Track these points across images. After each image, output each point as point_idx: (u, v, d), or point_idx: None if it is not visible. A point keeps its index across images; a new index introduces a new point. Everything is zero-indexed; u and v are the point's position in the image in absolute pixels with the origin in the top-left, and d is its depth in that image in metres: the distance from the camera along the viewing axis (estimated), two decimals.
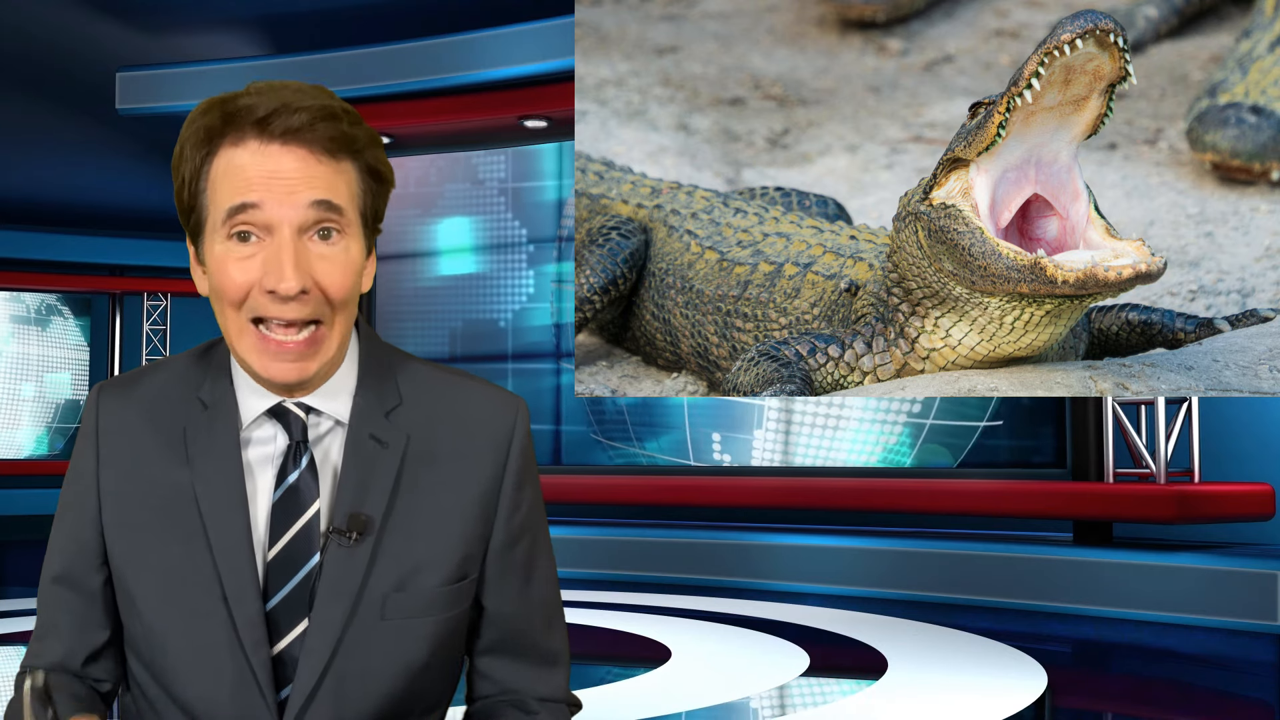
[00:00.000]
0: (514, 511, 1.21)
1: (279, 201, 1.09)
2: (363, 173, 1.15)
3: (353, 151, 1.13)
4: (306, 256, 1.10)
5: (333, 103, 1.12)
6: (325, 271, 1.11)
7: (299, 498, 1.15)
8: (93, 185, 12.32)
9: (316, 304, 1.11)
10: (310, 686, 1.13)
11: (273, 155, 1.09)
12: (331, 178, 1.11)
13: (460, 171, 9.03)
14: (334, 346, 1.14)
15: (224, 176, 1.10)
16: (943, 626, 5.96)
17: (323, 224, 1.11)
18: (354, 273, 1.13)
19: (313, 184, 1.10)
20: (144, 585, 1.16)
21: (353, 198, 1.14)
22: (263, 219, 1.09)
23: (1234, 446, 6.86)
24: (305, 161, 1.10)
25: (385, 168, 1.17)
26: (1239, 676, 5.32)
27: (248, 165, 1.09)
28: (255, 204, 1.09)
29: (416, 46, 8.49)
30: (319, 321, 1.12)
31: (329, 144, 1.11)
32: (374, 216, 1.17)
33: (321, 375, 1.17)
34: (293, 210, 1.09)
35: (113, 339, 13.86)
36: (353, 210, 1.14)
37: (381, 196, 1.18)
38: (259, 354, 1.12)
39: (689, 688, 4.64)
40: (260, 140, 1.10)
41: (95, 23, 8.84)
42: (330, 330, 1.13)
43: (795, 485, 7.51)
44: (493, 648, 1.24)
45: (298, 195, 1.09)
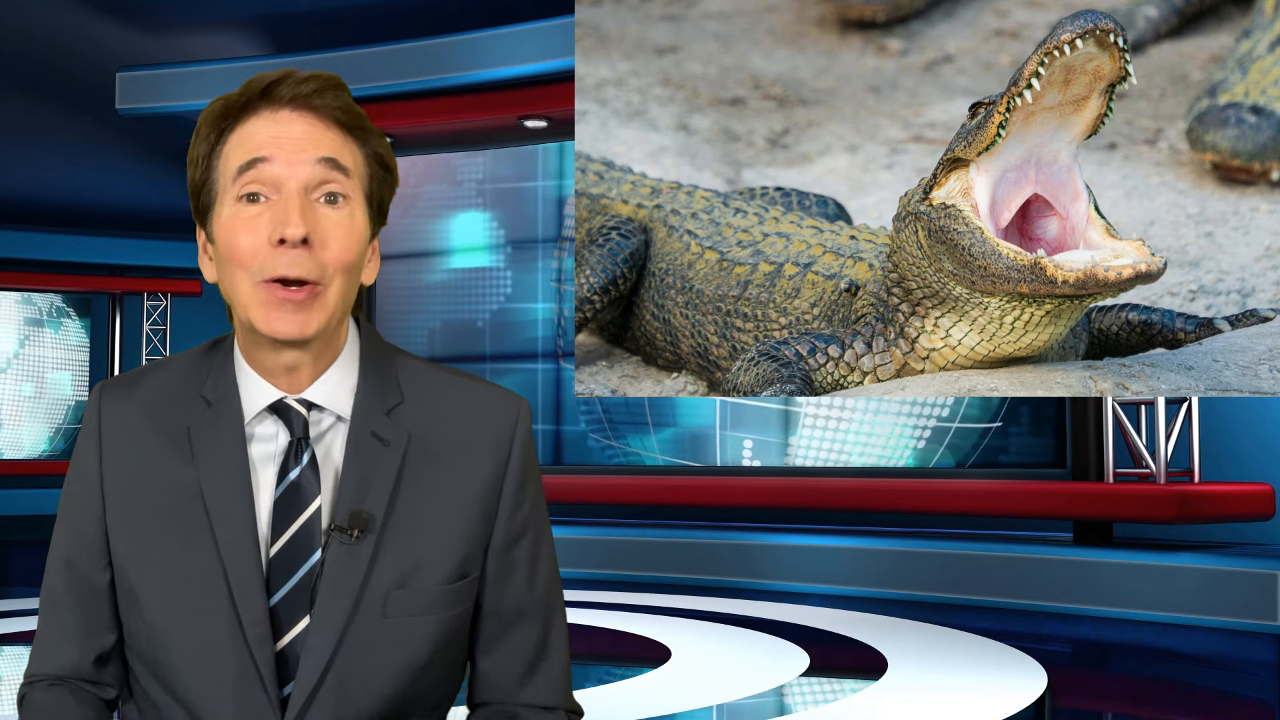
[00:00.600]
0: (515, 511, 1.21)
1: (287, 159, 1.12)
2: (369, 158, 1.18)
3: (360, 132, 1.17)
4: (313, 212, 1.13)
5: (342, 84, 1.16)
6: (328, 230, 1.13)
7: (300, 494, 1.15)
8: (93, 185, 12.31)
9: (317, 263, 1.12)
10: (312, 684, 1.13)
11: (282, 120, 1.14)
12: (339, 144, 1.15)
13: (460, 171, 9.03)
14: (332, 308, 1.14)
15: (235, 147, 1.14)
16: (943, 626, 5.96)
17: (329, 185, 1.13)
18: (357, 240, 1.15)
19: (320, 145, 1.13)
20: (147, 583, 1.15)
21: (360, 174, 1.17)
22: (271, 174, 1.12)
23: (1234, 446, 6.86)
24: (314, 125, 1.14)
25: (391, 160, 1.20)
26: (1239, 676, 5.32)
27: (258, 131, 1.14)
28: (265, 158, 1.12)
29: (416, 46, 8.49)
30: (319, 280, 1.13)
31: (337, 113, 1.15)
32: (379, 205, 1.19)
33: (321, 361, 1.18)
34: (301, 166, 1.12)
35: (113, 339, 13.85)
36: (359, 183, 1.16)
37: (387, 186, 1.20)
38: (263, 306, 1.12)
39: (689, 688, 4.63)
40: (270, 108, 1.14)
41: (95, 23, 8.84)
42: (328, 291, 1.13)
43: (795, 485, 7.51)
44: (492, 648, 1.23)
45: (305, 153, 1.13)
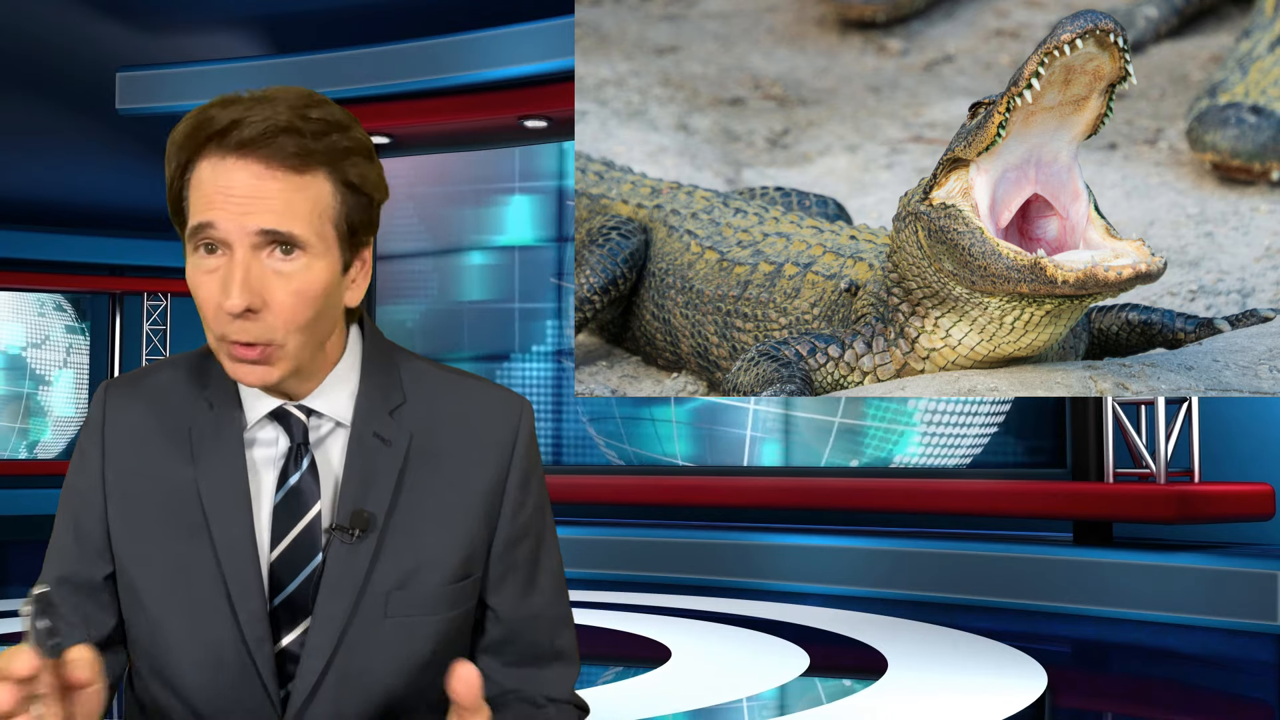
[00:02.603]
0: (518, 510, 1.21)
1: (232, 223, 1.07)
2: (338, 185, 1.11)
3: (324, 164, 1.09)
4: (260, 274, 1.08)
5: (305, 114, 1.08)
6: (273, 294, 1.09)
7: (300, 499, 1.16)
8: (93, 185, 12.32)
9: (267, 325, 1.09)
10: (312, 683, 1.13)
11: (227, 169, 1.07)
12: (289, 194, 1.08)
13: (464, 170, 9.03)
14: (294, 358, 1.12)
15: (194, 189, 1.09)
16: (943, 626, 5.96)
17: (278, 241, 1.08)
18: (312, 293, 1.10)
19: (263, 205, 1.07)
20: (148, 580, 1.16)
21: (321, 212, 1.10)
22: (219, 236, 1.08)
23: (1234, 446, 6.87)
24: (259, 177, 1.07)
25: (367, 181, 1.13)
26: (1239, 676, 5.32)
27: (206, 181, 1.08)
28: (210, 223, 1.07)
29: (416, 46, 8.49)
30: (269, 343, 1.10)
31: (289, 158, 1.07)
32: (356, 228, 1.13)
33: (316, 376, 1.17)
34: (242, 236, 1.07)
35: (113, 339, 13.86)
36: (318, 227, 1.10)
37: (362, 209, 1.13)
38: (226, 359, 1.12)
39: (689, 688, 4.64)
40: (219, 153, 1.07)
41: (95, 23, 8.84)
42: (284, 348, 1.11)
43: (795, 485, 7.51)
44: (497, 648, 1.23)
45: (247, 219, 1.07)
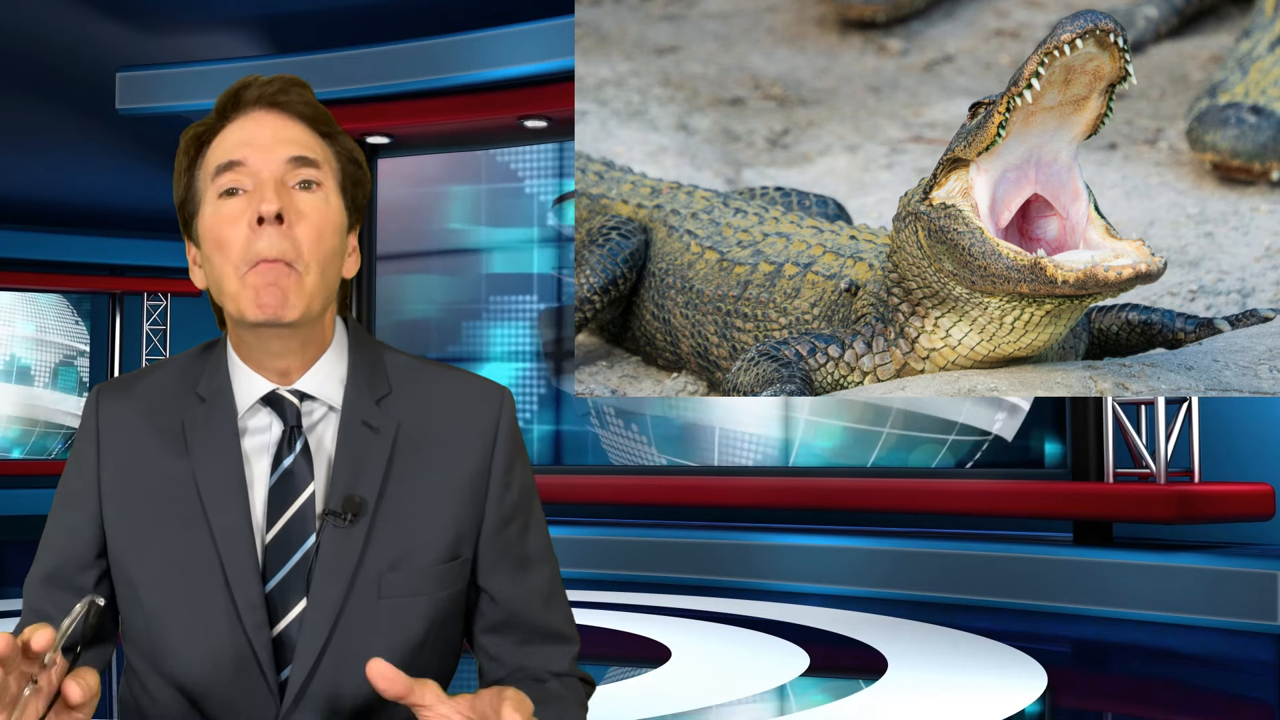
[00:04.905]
0: (505, 492, 1.25)
1: (260, 157, 1.17)
2: (339, 153, 1.23)
3: (327, 127, 1.22)
4: (288, 194, 1.17)
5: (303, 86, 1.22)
6: (302, 211, 1.17)
7: (294, 481, 1.18)
8: (93, 185, 12.32)
9: (294, 241, 1.15)
10: (309, 665, 1.15)
11: (252, 120, 1.19)
12: (307, 139, 1.20)
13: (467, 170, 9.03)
14: (310, 291, 1.17)
15: (212, 156, 1.19)
16: (943, 626, 5.96)
17: (302, 174, 1.18)
18: (331, 222, 1.19)
19: (289, 143, 1.18)
20: (145, 573, 1.18)
21: (331, 166, 1.21)
22: (247, 173, 1.17)
23: (1234, 446, 6.86)
24: (282, 123, 1.20)
25: (361, 158, 1.25)
26: (1239, 676, 5.32)
27: (230, 136, 1.19)
28: (239, 160, 1.17)
29: (416, 46, 8.49)
30: (294, 262, 1.16)
31: (303, 108, 1.20)
32: (353, 200, 1.23)
33: (310, 354, 1.21)
34: (273, 162, 1.17)
35: (113, 339, 13.86)
36: (331, 173, 1.21)
37: (360, 186, 1.24)
38: (250, 289, 1.15)
39: (689, 688, 4.64)
40: (240, 113, 1.20)
41: (95, 23, 8.84)
42: (305, 277, 1.16)
43: (795, 485, 7.51)
44: (497, 628, 1.26)
45: (275, 151, 1.18)
